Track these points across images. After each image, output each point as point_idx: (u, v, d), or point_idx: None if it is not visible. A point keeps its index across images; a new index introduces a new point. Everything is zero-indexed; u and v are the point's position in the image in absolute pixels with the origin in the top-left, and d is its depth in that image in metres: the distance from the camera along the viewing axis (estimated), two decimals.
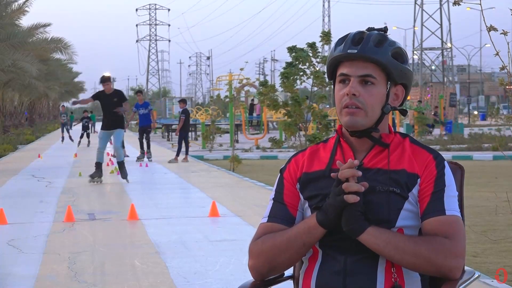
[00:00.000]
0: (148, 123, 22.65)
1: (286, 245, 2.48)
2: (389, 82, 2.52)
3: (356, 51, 2.47)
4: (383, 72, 2.50)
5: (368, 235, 2.38)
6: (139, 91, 24.89)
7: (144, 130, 22.45)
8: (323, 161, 2.58)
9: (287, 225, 2.54)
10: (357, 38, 2.51)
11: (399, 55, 2.52)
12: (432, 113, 38.54)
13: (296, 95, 17.43)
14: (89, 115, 34.88)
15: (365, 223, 2.39)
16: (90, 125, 36.77)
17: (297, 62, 17.31)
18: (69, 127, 37.82)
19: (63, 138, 36.39)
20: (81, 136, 33.24)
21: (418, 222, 2.46)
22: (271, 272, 2.56)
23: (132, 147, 27.71)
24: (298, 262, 2.72)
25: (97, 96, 15.85)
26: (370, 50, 2.47)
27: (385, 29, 2.57)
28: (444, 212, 2.43)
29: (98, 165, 15.44)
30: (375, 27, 2.58)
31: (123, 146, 18.58)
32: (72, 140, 35.64)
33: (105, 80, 15.67)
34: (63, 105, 42.45)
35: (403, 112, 2.71)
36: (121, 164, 15.61)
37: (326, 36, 16.67)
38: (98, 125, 42.66)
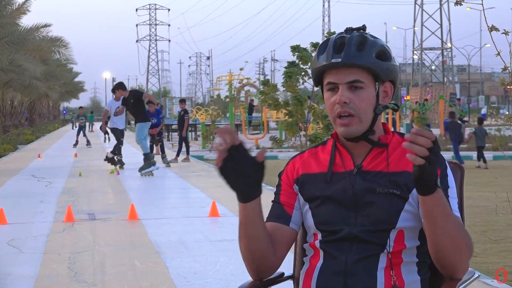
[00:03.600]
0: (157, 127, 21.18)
1: (238, 231, 2.52)
2: (377, 83, 2.51)
3: (340, 59, 2.46)
4: (369, 74, 2.49)
5: (436, 197, 2.28)
6: (150, 102, 21.48)
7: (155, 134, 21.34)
8: (323, 163, 2.59)
9: (283, 223, 2.57)
10: (338, 44, 2.49)
11: (383, 53, 2.51)
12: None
13: (298, 94, 17.45)
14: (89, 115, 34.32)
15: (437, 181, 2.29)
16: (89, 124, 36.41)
17: (299, 62, 17.33)
18: (85, 130, 34.04)
19: (77, 142, 32.19)
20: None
21: (418, 224, 2.45)
22: (251, 267, 2.55)
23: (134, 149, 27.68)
24: (298, 263, 2.72)
25: (122, 102, 17.40)
26: (353, 56, 2.46)
27: (363, 27, 2.56)
28: (453, 212, 2.43)
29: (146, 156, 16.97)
30: (353, 27, 2.56)
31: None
32: (89, 144, 31.93)
33: (113, 90, 17.43)
34: (81, 107, 40.11)
35: (395, 108, 2.70)
36: (144, 156, 16.91)
37: (331, 35, 16.71)
38: (98, 124, 42.37)
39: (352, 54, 2.46)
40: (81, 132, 33.47)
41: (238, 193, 2.43)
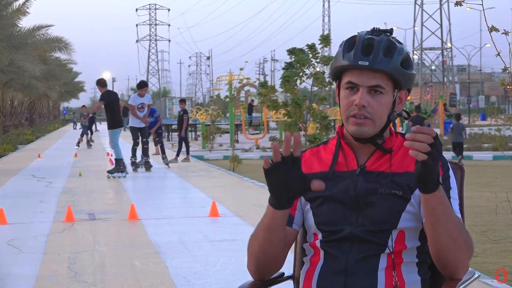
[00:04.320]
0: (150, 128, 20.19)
1: (257, 231, 2.50)
2: (396, 90, 2.51)
3: (367, 63, 2.44)
4: (391, 80, 2.48)
5: (438, 195, 2.29)
6: (143, 85, 20.48)
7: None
8: (324, 162, 2.59)
9: (286, 224, 2.55)
10: (366, 46, 2.47)
11: (407, 61, 2.50)
12: (444, 109, 38.58)
13: (296, 97, 17.44)
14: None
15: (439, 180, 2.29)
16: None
17: (297, 64, 17.33)
18: (86, 130, 32.04)
19: (80, 142, 31.23)
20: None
21: (419, 224, 2.46)
22: (259, 267, 2.55)
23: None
24: (298, 263, 2.72)
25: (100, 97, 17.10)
26: (381, 62, 2.44)
27: (390, 31, 2.54)
28: (454, 212, 2.43)
29: (117, 162, 16.74)
30: (380, 29, 2.52)
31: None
32: (78, 145, 30.73)
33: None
34: (84, 106, 37.94)
35: (407, 115, 2.68)
36: (115, 161, 16.67)
37: (324, 40, 16.76)
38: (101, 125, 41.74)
39: (380, 59, 2.45)
40: (85, 130, 31.82)
41: (275, 199, 2.39)
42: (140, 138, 18.13)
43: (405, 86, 2.52)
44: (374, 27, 2.54)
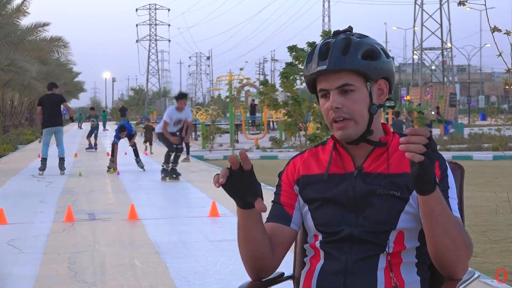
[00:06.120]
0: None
1: (238, 234, 2.54)
2: (368, 83, 2.50)
3: (325, 66, 2.47)
4: (358, 76, 2.48)
5: (436, 195, 2.29)
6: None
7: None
8: (322, 164, 2.59)
9: (283, 223, 2.57)
10: (323, 51, 2.50)
11: (370, 52, 2.49)
12: (436, 112, 38.58)
13: (296, 95, 17.45)
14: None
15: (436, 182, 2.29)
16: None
17: (296, 62, 17.34)
18: (98, 132, 29.93)
19: (95, 145, 29.16)
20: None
21: (418, 225, 2.46)
22: (249, 267, 2.56)
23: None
24: (298, 263, 2.72)
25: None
26: (338, 61, 2.46)
27: (350, 29, 2.56)
28: (452, 212, 2.43)
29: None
30: (340, 30, 2.55)
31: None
32: (95, 149, 28.98)
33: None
34: (92, 108, 35.87)
35: (392, 107, 2.69)
36: (41, 160, 17.92)
37: (327, 35, 16.75)
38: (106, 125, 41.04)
39: (336, 59, 2.46)
40: (93, 134, 29.41)
41: (234, 200, 2.45)
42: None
43: (377, 77, 2.51)
44: (335, 31, 2.57)
